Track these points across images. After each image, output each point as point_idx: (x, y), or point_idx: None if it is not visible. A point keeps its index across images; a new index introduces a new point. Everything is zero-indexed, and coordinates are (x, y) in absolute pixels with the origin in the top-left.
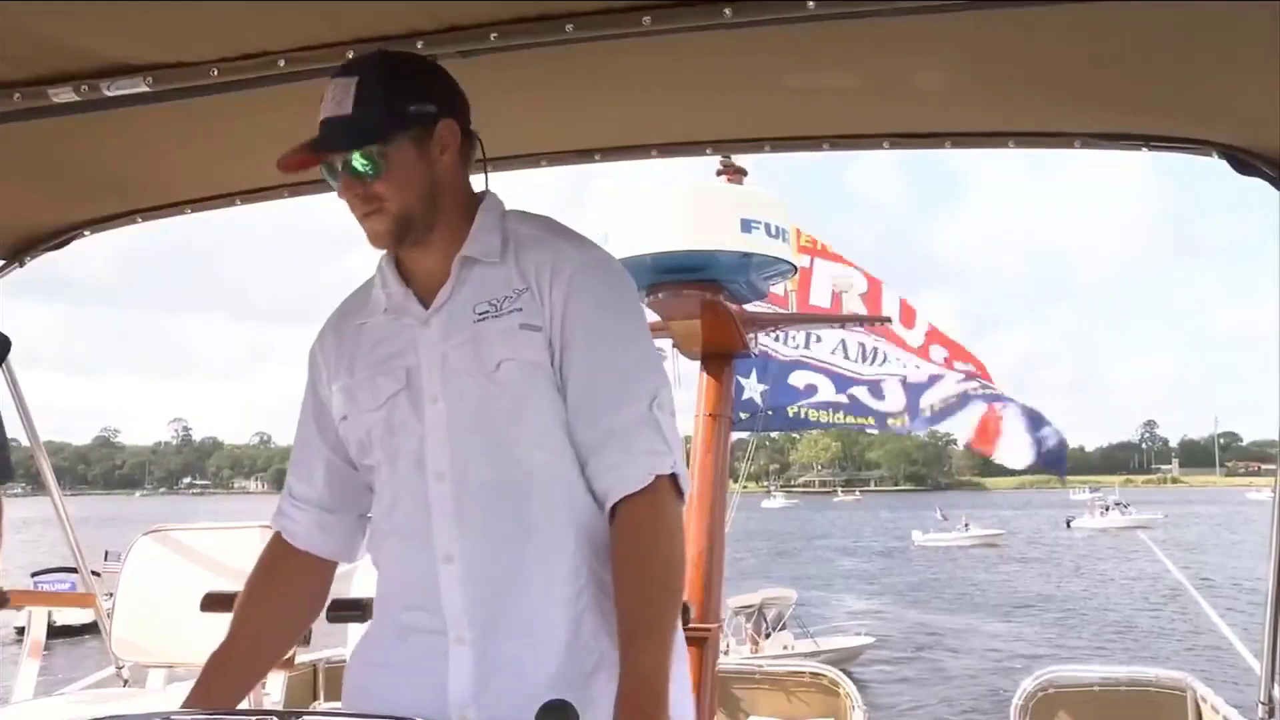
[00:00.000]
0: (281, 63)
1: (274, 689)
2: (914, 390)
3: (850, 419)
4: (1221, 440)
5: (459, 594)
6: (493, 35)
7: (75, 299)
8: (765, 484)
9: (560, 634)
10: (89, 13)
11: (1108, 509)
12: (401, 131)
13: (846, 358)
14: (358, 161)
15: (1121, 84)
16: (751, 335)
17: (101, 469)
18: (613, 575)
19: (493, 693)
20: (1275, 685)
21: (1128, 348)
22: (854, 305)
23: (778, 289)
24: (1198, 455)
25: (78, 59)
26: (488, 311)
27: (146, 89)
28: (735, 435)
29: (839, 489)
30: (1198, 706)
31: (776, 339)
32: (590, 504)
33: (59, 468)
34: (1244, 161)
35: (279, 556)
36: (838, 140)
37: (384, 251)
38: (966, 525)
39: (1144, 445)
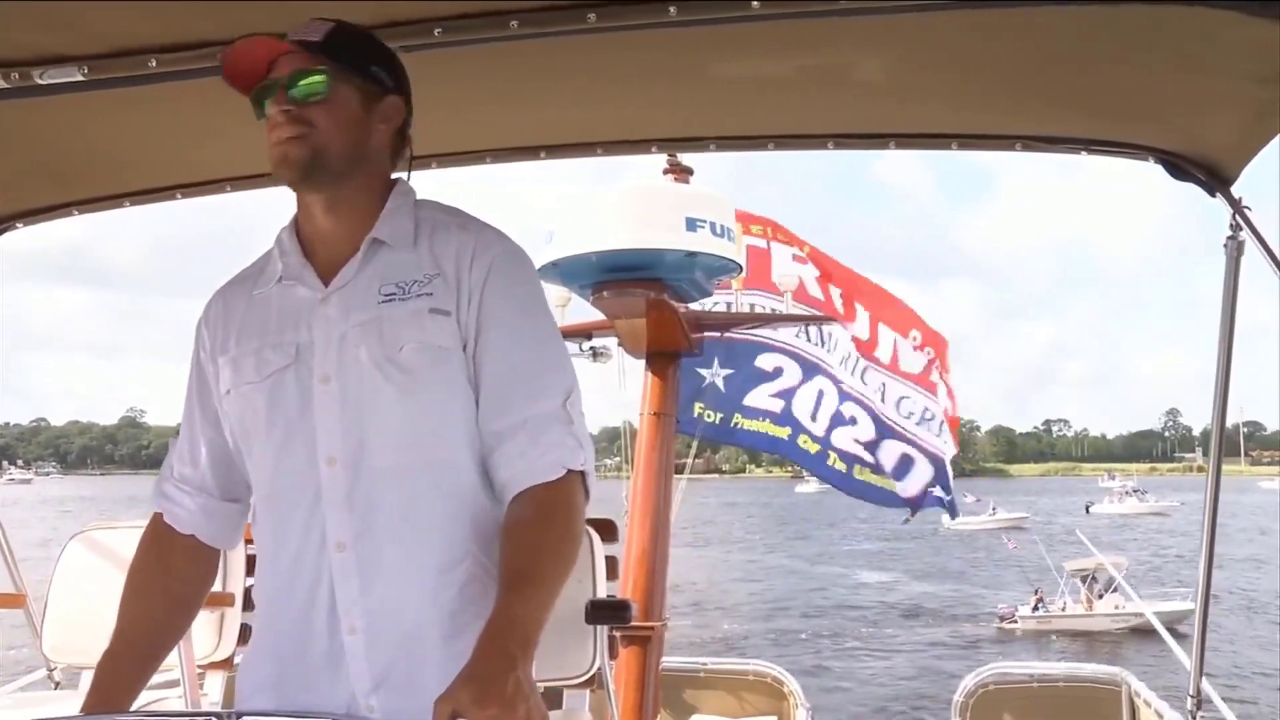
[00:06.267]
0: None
1: (212, 689)
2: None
3: (775, 429)
4: (1245, 429)
5: (354, 583)
6: (436, 30)
7: (102, 283)
8: (791, 468)
9: (437, 626)
10: None
11: (1126, 495)
12: (356, 78)
13: (808, 340)
14: (305, 81)
15: (1061, 88)
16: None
17: (129, 449)
18: (501, 546)
19: (392, 683)
20: (1204, 679)
21: (1150, 339)
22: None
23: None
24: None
25: (9, 46)
26: (394, 294)
27: (81, 78)
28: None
29: None
30: (1132, 701)
31: None
32: (478, 494)
33: (87, 447)
34: (1179, 167)
35: (164, 541)
36: (783, 140)
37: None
38: (994, 509)
39: (1167, 434)
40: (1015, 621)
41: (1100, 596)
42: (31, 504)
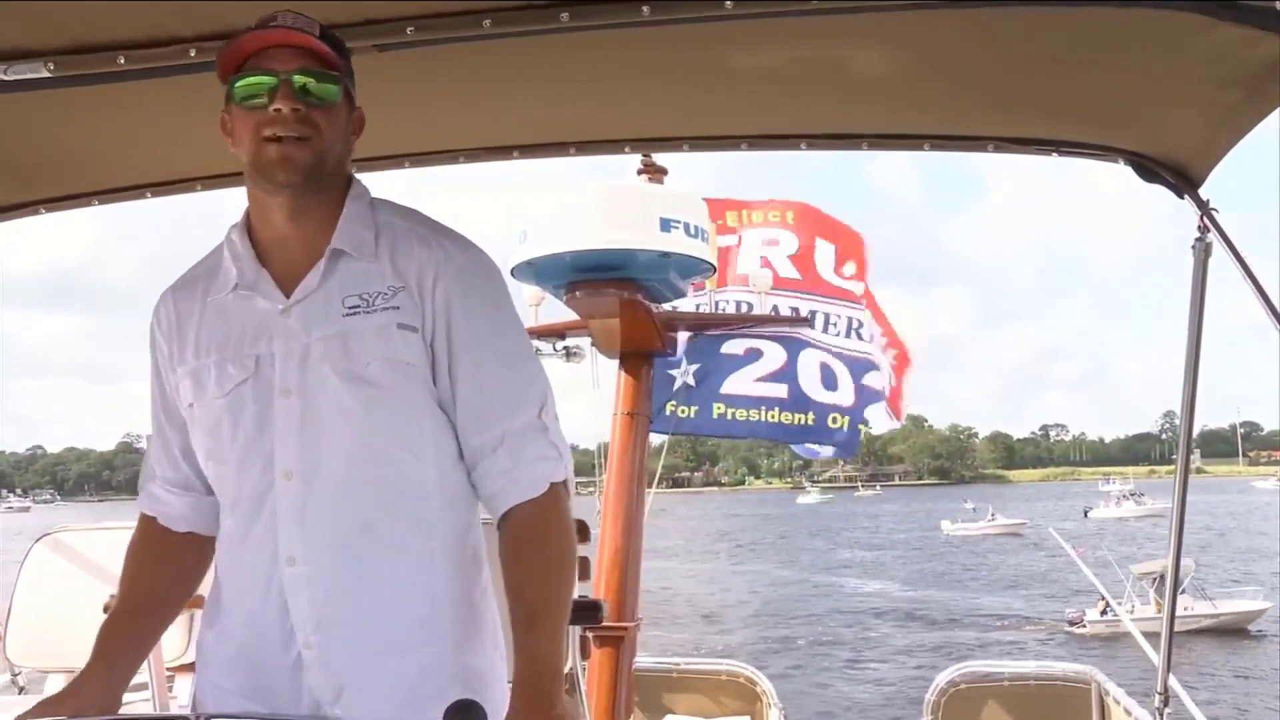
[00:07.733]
0: (193, 52)
1: (181, 692)
2: (863, 391)
3: (786, 417)
4: (1242, 429)
5: (305, 597)
6: (409, 29)
7: (95, 307)
8: (790, 479)
9: (399, 637)
10: None
11: (1124, 499)
12: (349, 86)
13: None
14: (321, 83)
15: (1032, 90)
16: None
17: (126, 475)
18: (506, 571)
19: (354, 693)
20: (1171, 676)
21: (1142, 340)
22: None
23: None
24: (1219, 445)
25: None
26: (358, 306)
27: (48, 74)
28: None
29: (860, 484)
30: (1101, 698)
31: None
32: (448, 510)
33: (85, 474)
34: (1148, 169)
35: (160, 536)
36: (755, 140)
37: (237, 223)
38: (993, 515)
39: (1164, 436)
40: (1084, 625)
41: None
42: (41, 530)
